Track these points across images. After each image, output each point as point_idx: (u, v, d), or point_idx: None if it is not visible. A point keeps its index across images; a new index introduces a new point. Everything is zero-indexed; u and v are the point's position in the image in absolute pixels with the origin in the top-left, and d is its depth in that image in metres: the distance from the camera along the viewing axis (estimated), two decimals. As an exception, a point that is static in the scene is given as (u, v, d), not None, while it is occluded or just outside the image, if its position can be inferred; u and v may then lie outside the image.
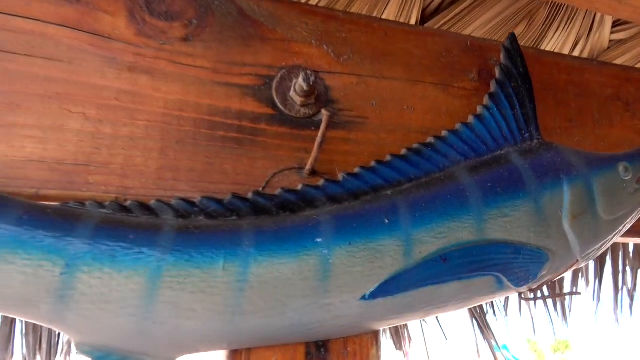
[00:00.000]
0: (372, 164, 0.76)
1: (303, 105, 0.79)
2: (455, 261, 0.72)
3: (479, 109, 0.83)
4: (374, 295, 0.69)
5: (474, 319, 2.18)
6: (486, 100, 0.83)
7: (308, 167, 0.75)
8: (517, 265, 0.75)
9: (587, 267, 2.57)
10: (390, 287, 0.69)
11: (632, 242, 1.04)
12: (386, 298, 0.69)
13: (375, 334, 0.76)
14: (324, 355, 0.72)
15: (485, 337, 2.13)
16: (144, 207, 0.66)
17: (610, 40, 1.56)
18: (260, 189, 0.75)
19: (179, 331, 0.63)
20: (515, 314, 2.42)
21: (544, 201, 0.77)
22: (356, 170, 0.75)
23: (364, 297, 0.68)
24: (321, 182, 0.73)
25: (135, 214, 0.66)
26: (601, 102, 1.01)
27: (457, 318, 2.32)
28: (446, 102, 0.89)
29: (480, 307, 2.20)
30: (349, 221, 0.70)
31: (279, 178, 0.76)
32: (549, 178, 0.78)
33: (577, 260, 0.79)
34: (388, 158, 0.77)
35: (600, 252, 0.83)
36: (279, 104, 0.78)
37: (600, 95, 1.01)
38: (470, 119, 0.82)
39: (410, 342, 2.07)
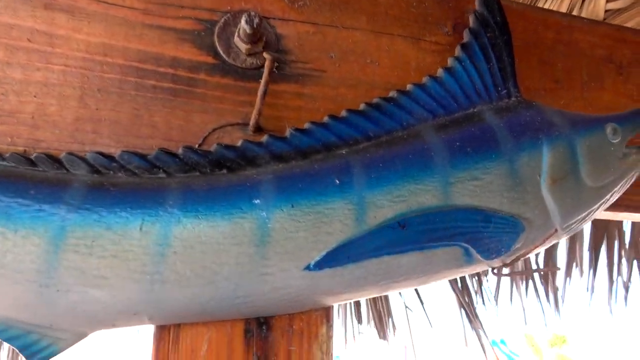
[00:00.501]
0: (325, 119, 0.67)
1: (249, 54, 0.70)
2: (416, 228, 0.63)
3: (450, 62, 0.73)
4: (319, 265, 0.60)
5: (462, 309, 2.09)
6: (458, 51, 0.73)
7: (252, 122, 0.66)
8: (487, 235, 0.66)
9: (581, 256, 2.49)
10: (339, 256, 0.60)
11: (625, 218, 0.95)
12: (335, 269, 0.60)
13: (326, 311, 0.67)
14: (266, 334, 0.64)
15: (473, 327, 2.05)
16: (53, 160, 0.58)
17: (606, 11, 1.46)
18: (197, 145, 0.65)
19: (88, 301, 0.55)
20: (506, 304, 2.33)
21: (520, 163, 0.68)
22: (306, 126, 0.66)
23: (308, 267, 0.60)
24: (265, 138, 0.64)
25: (41, 168, 0.57)
26: (591, 63, 0.91)
27: (445, 307, 2.24)
28: (416, 58, 0.79)
29: (469, 295, 2.12)
30: (293, 181, 0.61)
31: (220, 135, 0.67)
32: (526, 138, 0.69)
33: (557, 231, 0.69)
34: (344, 113, 0.68)
35: (584, 223, 0.74)
36: (221, 52, 0.69)
37: (590, 56, 0.92)
38: (440, 72, 0.73)
39: (394, 331, 1.99)
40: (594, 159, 0.71)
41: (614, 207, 0.86)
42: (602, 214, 0.90)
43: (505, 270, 0.73)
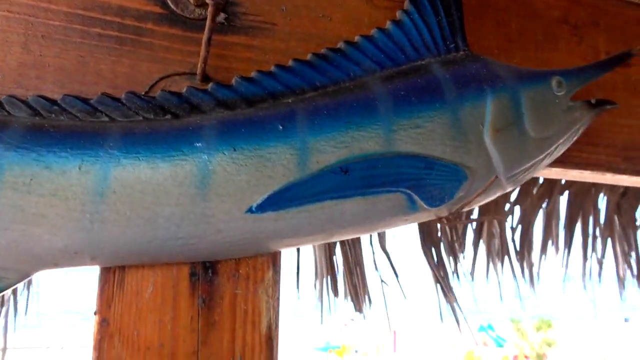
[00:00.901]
0: (272, 68, 0.67)
1: (198, 5, 0.70)
2: (358, 173, 0.64)
3: (399, 15, 0.74)
4: (262, 207, 0.61)
5: (438, 284, 2.12)
6: (407, 5, 0.74)
7: (199, 70, 0.67)
8: (430, 182, 0.67)
9: (557, 234, 2.53)
10: (281, 199, 0.61)
11: (575, 177, 0.97)
12: (277, 212, 0.62)
13: (273, 257, 0.68)
14: (212, 277, 0.65)
15: (448, 301, 2.08)
16: (-8, 102, 0.58)
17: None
18: (143, 93, 0.66)
19: (28, 239, 0.55)
20: (482, 280, 2.37)
21: (463, 113, 0.69)
22: (252, 74, 0.66)
23: (250, 210, 0.61)
24: (210, 85, 0.64)
25: (-20, 110, 0.57)
26: (546, 24, 0.92)
27: (421, 282, 2.26)
28: (369, 14, 0.80)
29: (444, 270, 2.14)
30: (236, 126, 0.62)
31: (167, 84, 0.67)
32: (470, 89, 0.70)
33: (500, 180, 0.71)
34: (290, 63, 0.68)
35: (530, 175, 0.76)
36: (169, 2, 0.69)
37: (545, 17, 0.93)
38: (388, 25, 0.73)
39: (370, 305, 2.01)
40: (538, 110, 0.72)
41: (564, 163, 0.88)
42: (552, 171, 0.92)
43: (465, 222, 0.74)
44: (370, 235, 2.08)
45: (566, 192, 2.54)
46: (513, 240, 2.45)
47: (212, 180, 0.59)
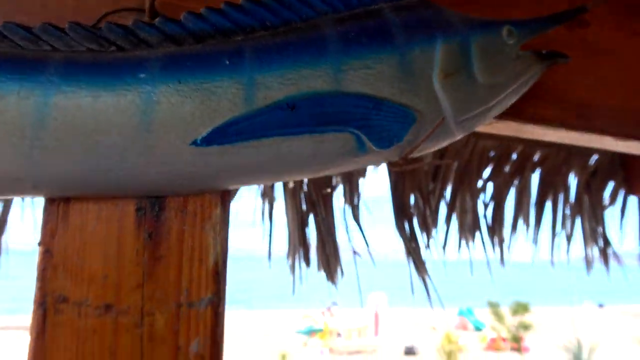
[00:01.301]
0: (222, 6, 0.67)
1: (149, -59, 0.69)
2: (305, 110, 0.64)
3: (353, -41, 0.74)
4: (207, 140, 0.61)
5: (409, 257, 2.15)
6: (359, -51, 0.74)
7: (147, 6, 0.66)
8: (378, 123, 0.68)
9: (527, 211, 2.57)
10: (227, 132, 0.61)
11: (530, 134, 0.98)
12: (223, 146, 0.62)
13: (222, 195, 0.68)
14: (158, 213, 0.65)
15: (419, 274, 2.11)
16: None
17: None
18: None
19: (-36, 164, 0.55)
20: (454, 254, 2.40)
21: (412, 56, 0.69)
22: (201, 11, 0.66)
23: (195, 142, 0.61)
24: (157, 19, 0.64)
25: None
26: (505, -19, 0.93)
27: (394, 255, 2.28)
28: (326, -39, 0.79)
29: (416, 242, 2.17)
30: (182, 59, 0.62)
31: (114, 19, 0.66)
32: (421, 33, 0.71)
33: (448, 124, 0.72)
34: (241, 2, 0.68)
35: (479, 122, 0.77)
36: (118, -63, 0.68)
37: (505, -26, 0.93)
38: (342, -32, 0.73)
39: (342, 275, 2.03)
40: (487, 56, 0.73)
41: (519, 117, 0.90)
42: (509, 126, 0.94)
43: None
44: (344, 208, 2.10)
45: (538, 171, 2.59)
46: (485, 217, 2.49)
47: (155, 111, 0.59)
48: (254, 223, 2.03)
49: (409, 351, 13.15)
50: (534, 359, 7.87)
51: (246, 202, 2.05)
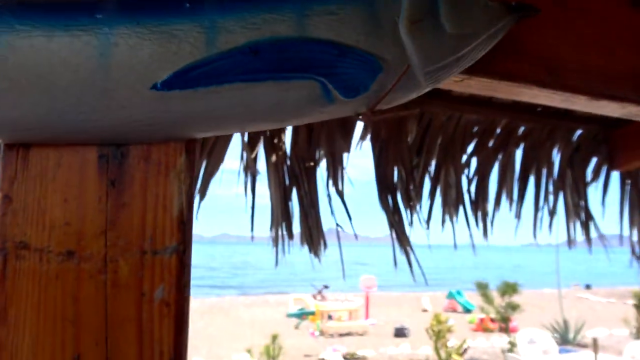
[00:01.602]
0: (185, -49, 0.66)
1: None
2: (268, 55, 0.63)
3: None
4: (167, 84, 0.60)
5: (392, 229, 2.17)
6: None
7: (106, -51, 0.64)
8: (344, 71, 0.67)
9: (511, 185, 2.59)
10: (187, 77, 0.61)
11: (503, 92, 0.98)
12: (185, 91, 0.61)
13: (187, 144, 0.68)
14: (122, 160, 0.64)
15: (402, 246, 2.13)
16: None
17: None
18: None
19: None
20: (437, 228, 2.42)
21: (378, 2, 0.69)
22: (163, -45, 0.64)
23: (155, 86, 0.60)
24: (117, -39, 0.62)
25: None
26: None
27: (378, 229, 2.28)
28: None
29: (400, 215, 2.19)
30: (140, 1, 0.61)
31: (74, -37, 0.65)
32: (387, -20, 0.70)
33: (415, 74, 0.72)
34: (204, -55, 0.67)
35: (448, 74, 0.77)
36: None
37: None
38: None
39: (325, 248, 2.04)
40: (455, 5, 0.72)
41: (490, 74, 0.90)
42: (481, 83, 0.94)
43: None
44: (327, 180, 2.10)
45: (522, 146, 2.60)
46: (469, 191, 2.51)
47: (113, 53, 0.58)
48: (245, 207, 2.02)
49: (400, 333, 13.32)
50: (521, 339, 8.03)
51: (229, 175, 2.05)
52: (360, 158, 2.25)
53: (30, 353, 0.60)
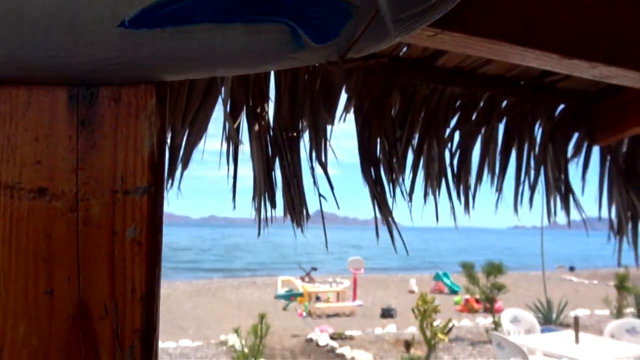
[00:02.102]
0: None
1: None
2: (238, -4, 0.64)
3: None
4: (136, 22, 0.61)
5: (374, 200, 2.20)
6: None
7: None
8: (314, 15, 0.68)
9: (493, 159, 2.63)
10: (156, 15, 0.61)
11: (479, 50, 1.00)
12: (153, 30, 0.62)
13: (158, 86, 0.68)
14: (92, 101, 0.65)
15: (383, 216, 2.16)
16: None
17: None
18: None
19: None
20: (419, 202, 2.46)
21: (348, -52, 0.69)
22: None
23: (123, 24, 0.60)
24: None
25: None
26: None
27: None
28: None
29: (382, 187, 2.22)
30: (107, -62, 0.61)
31: None
32: None
33: (384, 20, 0.73)
34: None
35: (418, 24, 0.78)
36: None
37: None
38: None
39: (307, 219, 2.07)
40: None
41: (465, 29, 0.91)
42: (455, 39, 0.95)
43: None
44: (310, 151, 2.11)
45: (504, 119, 2.64)
46: (451, 165, 2.55)
47: (80, -12, 0.58)
48: (228, 186, 2.02)
49: (386, 314, 13.52)
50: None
51: (211, 143, 2.05)
52: (347, 140, 2.25)
53: (2, 287, 0.61)
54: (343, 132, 2.20)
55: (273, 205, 2.01)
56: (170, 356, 8.60)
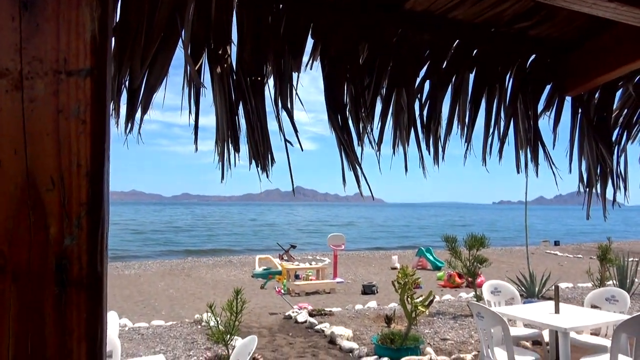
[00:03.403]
0: None
1: None
2: None
3: None
4: None
5: (342, 147, 2.28)
6: None
7: None
8: None
9: (463, 109, 2.74)
10: None
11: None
12: None
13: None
14: (34, 12, 0.71)
15: (349, 162, 2.25)
16: None
17: None
18: None
19: None
20: (388, 150, 2.56)
21: None
22: None
23: None
24: None
25: None
26: None
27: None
28: None
29: (349, 135, 2.30)
30: None
31: None
32: None
33: None
34: None
35: None
36: None
37: None
38: None
39: (272, 163, 2.15)
40: None
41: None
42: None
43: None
44: (276, 97, 2.18)
45: (474, 69, 2.74)
46: (421, 115, 2.64)
47: None
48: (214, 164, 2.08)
49: (368, 290, 13.82)
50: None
51: (183, 117, 2.09)
52: (325, 113, 2.32)
53: (-48, 158, 0.68)
54: (323, 104, 2.26)
55: (236, 149, 2.08)
56: (142, 336, 8.71)
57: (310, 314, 10.07)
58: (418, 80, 2.61)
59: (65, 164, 0.71)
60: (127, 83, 1.98)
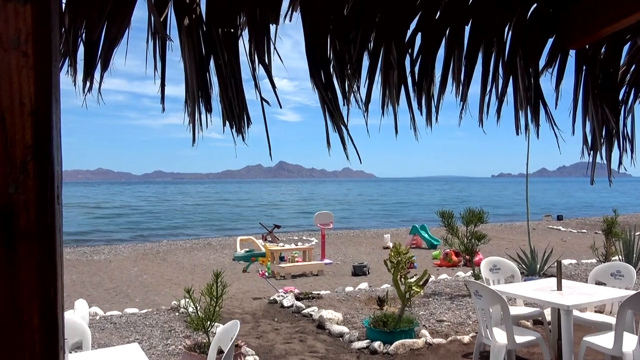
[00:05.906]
0: None
1: None
2: None
3: None
4: None
5: (325, 106, 2.26)
6: None
7: None
8: None
9: (458, 68, 2.72)
10: None
11: None
12: None
13: None
14: None
15: (334, 122, 2.24)
16: None
17: None
18: None
19: None
20: (377, 110, 2.54)
21: None
22: None
23: None
24: None
25: None
26: None
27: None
28: None
29: (334, 93, 2.28)
30: None
31: None
32: None
33: None
34: None
35: None
36: None
37: None
38: None
39: (249, 124, 2.12)
40: None
41: None
42: None
43: None
44: (251, 50, 2.14)
45: (470, 21, 2.71)
46: (412, 72, 2.62)
47: None
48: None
49: (359, 272, 13.93)
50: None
51: (153, 87, 2.04)
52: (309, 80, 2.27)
53: None
54: (306, 72, 2.22)
55: (208, 109, 2.05)
56: (114, 325, 8.73)
57: (297, 298, 10.16)
58: (409, 33, 2.58)
59: (7, 101, 0.69)
60: (84, 35, 1.92)
